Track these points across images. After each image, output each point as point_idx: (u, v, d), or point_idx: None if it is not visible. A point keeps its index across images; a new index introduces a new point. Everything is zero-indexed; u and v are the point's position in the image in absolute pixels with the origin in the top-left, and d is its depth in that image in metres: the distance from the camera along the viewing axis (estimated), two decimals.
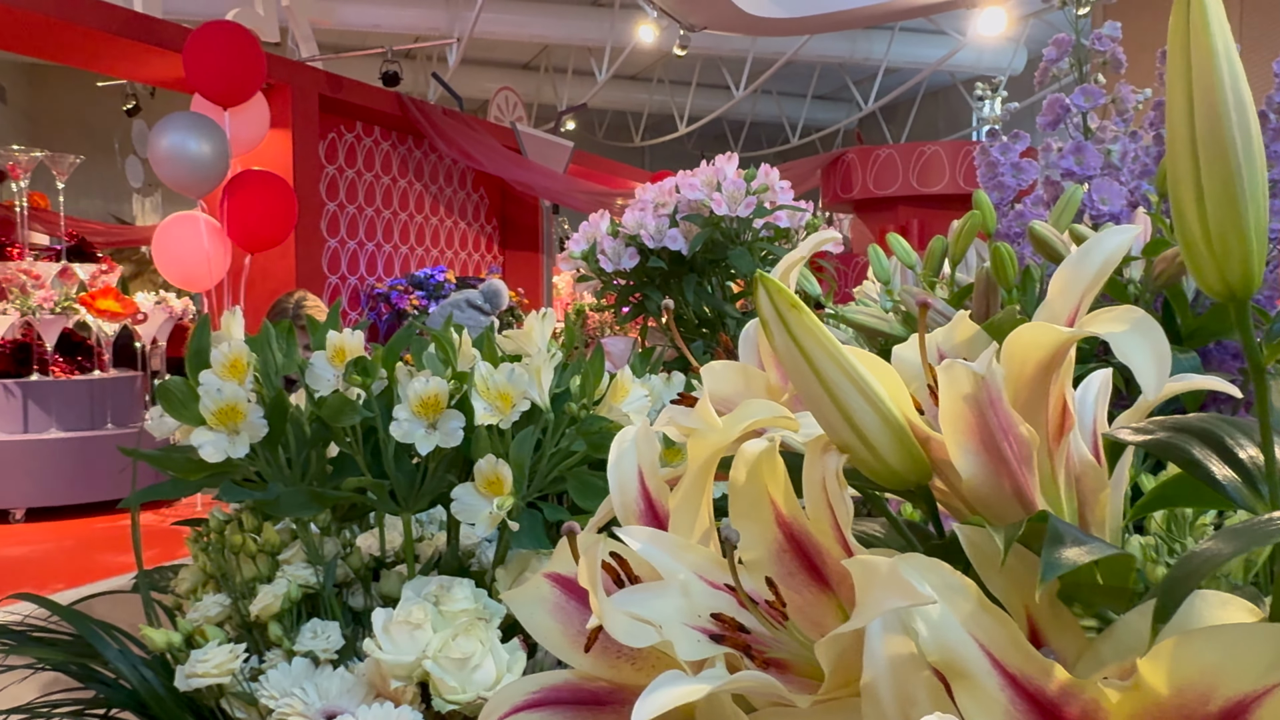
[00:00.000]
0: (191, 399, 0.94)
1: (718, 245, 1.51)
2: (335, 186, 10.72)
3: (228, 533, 1.00)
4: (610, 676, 0.39)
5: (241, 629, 1.01)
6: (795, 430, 0.39)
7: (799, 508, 0.38)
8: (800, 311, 0.37)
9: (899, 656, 0.32)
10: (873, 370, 0.38)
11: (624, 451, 0.43)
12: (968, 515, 0.39)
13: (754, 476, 0.38)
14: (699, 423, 0.40)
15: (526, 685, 0.40)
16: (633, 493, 0.42)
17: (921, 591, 0.30)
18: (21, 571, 6.05)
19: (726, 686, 0.31)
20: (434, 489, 1.02)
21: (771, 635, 0.36)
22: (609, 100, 21.17)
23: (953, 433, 0.37)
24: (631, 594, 0.35)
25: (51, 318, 7.49)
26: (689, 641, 0.34)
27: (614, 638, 0.33)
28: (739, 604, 0.36)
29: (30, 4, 7.59)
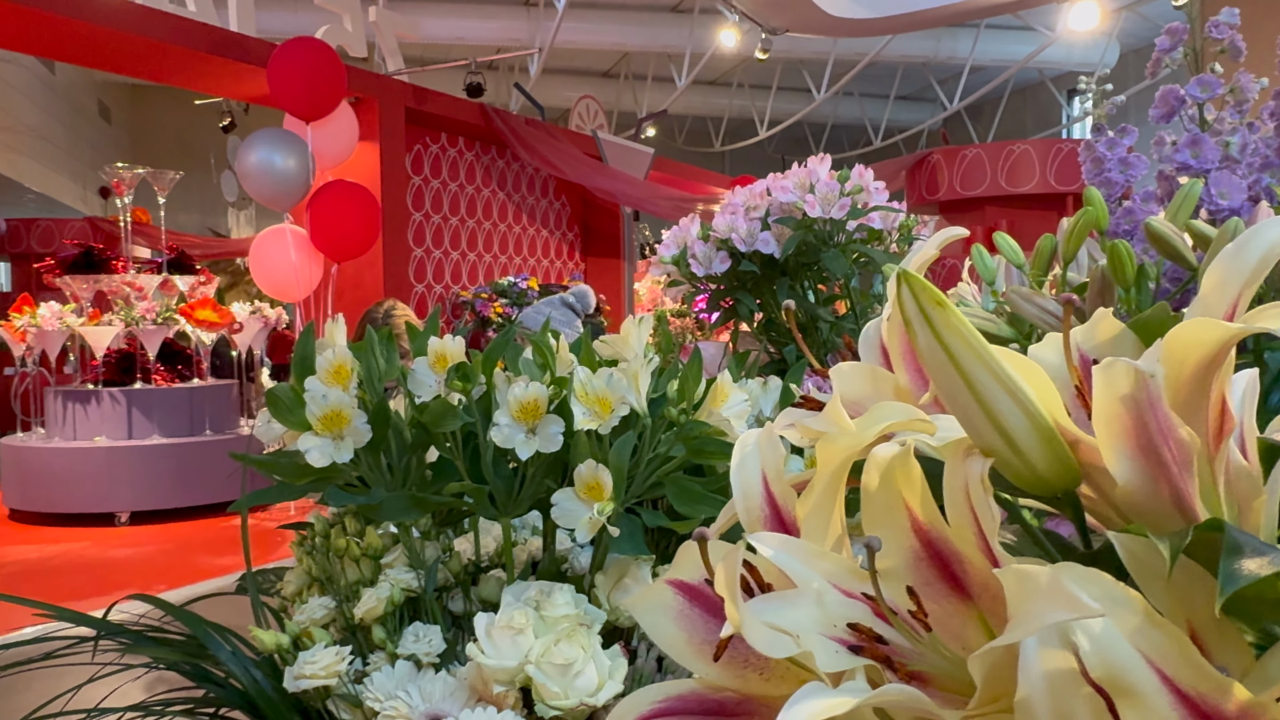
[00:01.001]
0: (298, 405, 0.96)
1: (810, 248, 1.49)
2: (421, 197, 10.91)
3: (332, 537, 1.01)
4: (737, 686, 0.38)
5: (345, 631, 1.02)
6: (932, 434, 0.37)
7: (937, 514, 0.36)
8: (945, 309, 0.35)
9: (1057, 672, 0.30)
10: (1020, 371, 0.36)
11: (746, 456, 0.42)
12: (1118, 524, 0.37)
13: (887, 482, 0.36)
14: (830, 426, 0.38)
15: (652, 694, 0.40)
16: (757, 498, 0.41)
17: (1088, 604, 0.28)
18: (126, 573, 6.28)
19: (873, 700, 0.30)
20: (532, 494, 1.02)
21: (910, 647, 0.34)
22: (689, 106, 21.18)
23: (1108, 436, 0.35)
24: (766, 603, 0.34)
25: (153, 328, 7.78)
26: (828, 652, 0.32)
27: (753, 647, 0.32)
28: (874, 614, 0.35)
29: (132, 26, 7.90)
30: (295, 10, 14.35)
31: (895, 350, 0.43)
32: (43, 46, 8.68)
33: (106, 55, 8.57)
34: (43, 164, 16.40)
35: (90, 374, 8.12)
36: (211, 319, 7.90)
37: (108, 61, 8.96)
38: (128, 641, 0.98)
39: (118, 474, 7.60)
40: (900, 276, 0.36)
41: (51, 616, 0.95)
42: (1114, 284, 0.82)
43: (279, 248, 8.10)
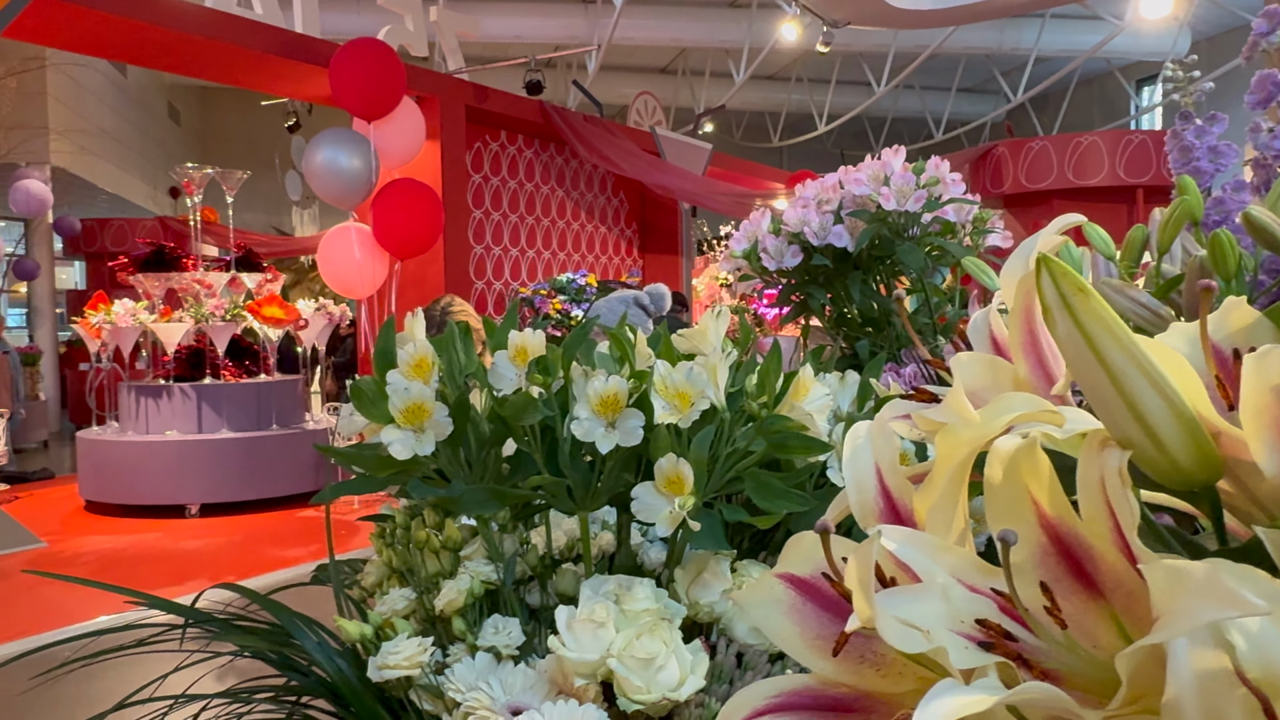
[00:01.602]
0: (381, 398, 0.96)
1: (884, 241, 1.47)
2: (481, 194, 11.01)
3: (412, 529, 1.02)
4: (853, 683, 0.37)
5: (425, 623, 1.03)
6: (1060, 425, 0.36)
7: (1068, 508, 0.35)
8: (1088, 296, 0.34)
9: (1209, 672, 0.29)
10: (1162, 360, 0.34)
11: (858, 449, 0.41)
12: (1262, 520, 0.35)
13: (1012, 475, 0.35)
14: (952, 417, 0.37)
15: (765, 689, 0.39)
16: (871, 491, 0.40)
17: (1251, 600, 0.27)
18: (197, 563, 6.43)
19: (1013, 698, 0.29)
20: (610, 488, 1.02)
21: (1040, 645, 0.33)
22: (746, 101, 21.08)
23: (1258, 428, 0.34)
24: (892, 597, 0.33)
25: (222, 325, 7.95)
26: (958, 649, 0.32)
27: (885, 642, 0.31)
28: (1000, 610, 0.34)
29: (201, 29, 8.07)
30: (358, 11, 14.55)
31: (1015, 341, 0.42)
32: (116, 50, 8.92)
33: (177, 58, 8.77)
34: (115, 165, 16.85)
35: (161, 369, 8.33)
36: (278, 315, 8.05)
37: (178, 64, 9.17)
38: (215, 630, 1.00)
39: (188, 467, 7.78)
40: (1041, 262, 0.35)
41: (142, 604, 0.97)
42: (1213, 275, 0.80)
43: (345, 246, 8.23)
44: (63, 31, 7.81)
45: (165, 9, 7.83)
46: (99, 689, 4.35)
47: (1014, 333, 0.42)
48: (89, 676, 4.57)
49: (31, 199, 10.84)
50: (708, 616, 0.98)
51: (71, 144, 14.21)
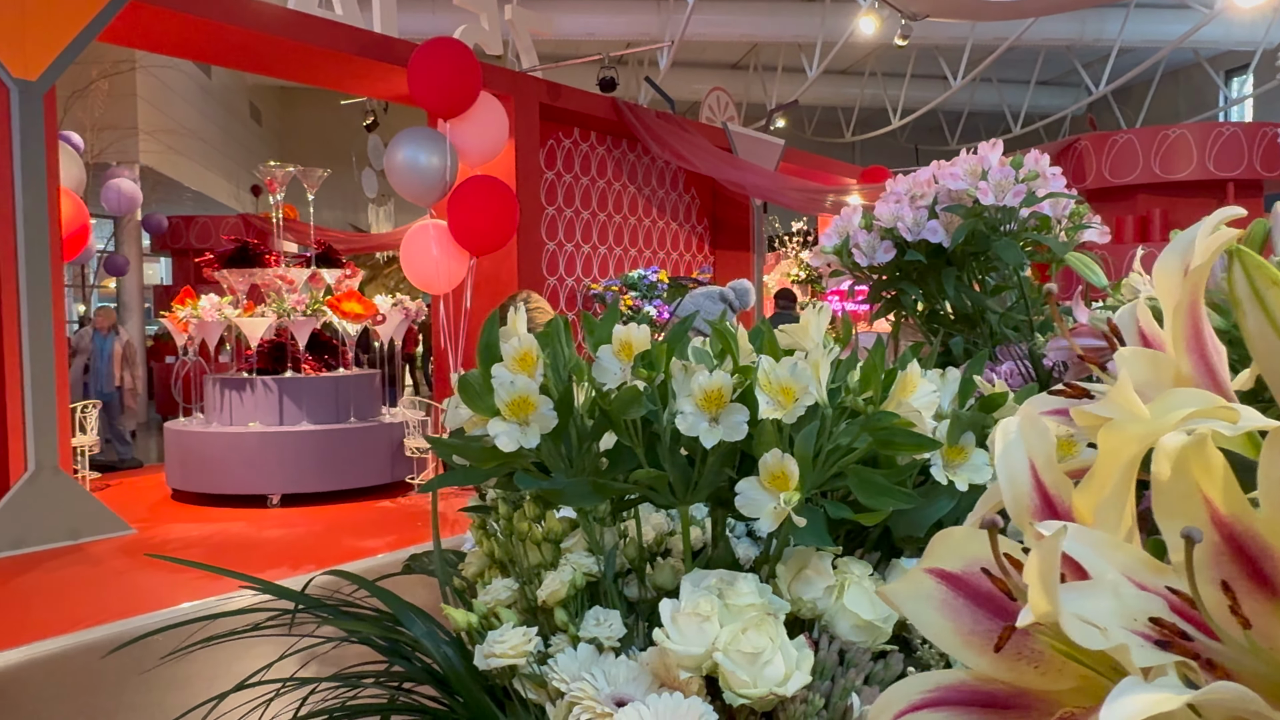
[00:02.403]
0: (487, 391, 0.98)
1: (979, 236, 1.45)
2: (554, 191, 11.09)
3: (515, 521, 1.04)
4: (1010, 679, 0.37)
5: (527, 613, 1.04)
6: (1234, 421, 0.35)
7: (1245, 506, 0.34)
8: None
9: None
10: None
11: (1010, 444, 0.40)
12: None
13: (1182, 472, 0.34)
14: (1119, 412, 0.37)
15: (921, 684, 0.39)
16: (1025, 486, 0.40)
17: None
18: (279, 552, 6.59)
19: (1204, 698, 0.29)
20: (711, 482, 1.02)
21: (1214, 645, 0.33)
22: (819, 96, 20.89)
23: None
24: (1067, 593, 0.33)
25: (303, 319, 8.13)
26: (1138, 646, 0.31)
27: (1070, 638, 0.31)
28: (1172, 609, 0.33)
29: (284, 30, 8.26)
30: (433, 11, 14.76)
31: (1178, 336, 0.41)
32: (202, 52, 9.18)
33: (260, 59, 9.00)
34: (199, 164, 17.35)
35: (244, 363, 8.55)
36: (357, 311, 8.21)
37: (261, 65, 9.40)
38: (326, 615, 1.02)
39: (270, 458, 7.97)
40: (1234, 255, 0.34)
41: (255, 588, 0.99)
42: None
43: (425, 243, 8.36)
44: (152, 34, 8.06)
45: (249, 11, 8.04)
46: (187, 671, 4.49)
47: (1176, 328, 0.41)
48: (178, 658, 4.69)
49: (122, 197, 11.21)
50: (810, 613, 0.98)
51: (159, 144, 14.67)
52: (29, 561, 6.27)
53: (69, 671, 4.55)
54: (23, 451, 6.49)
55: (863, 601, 0.96)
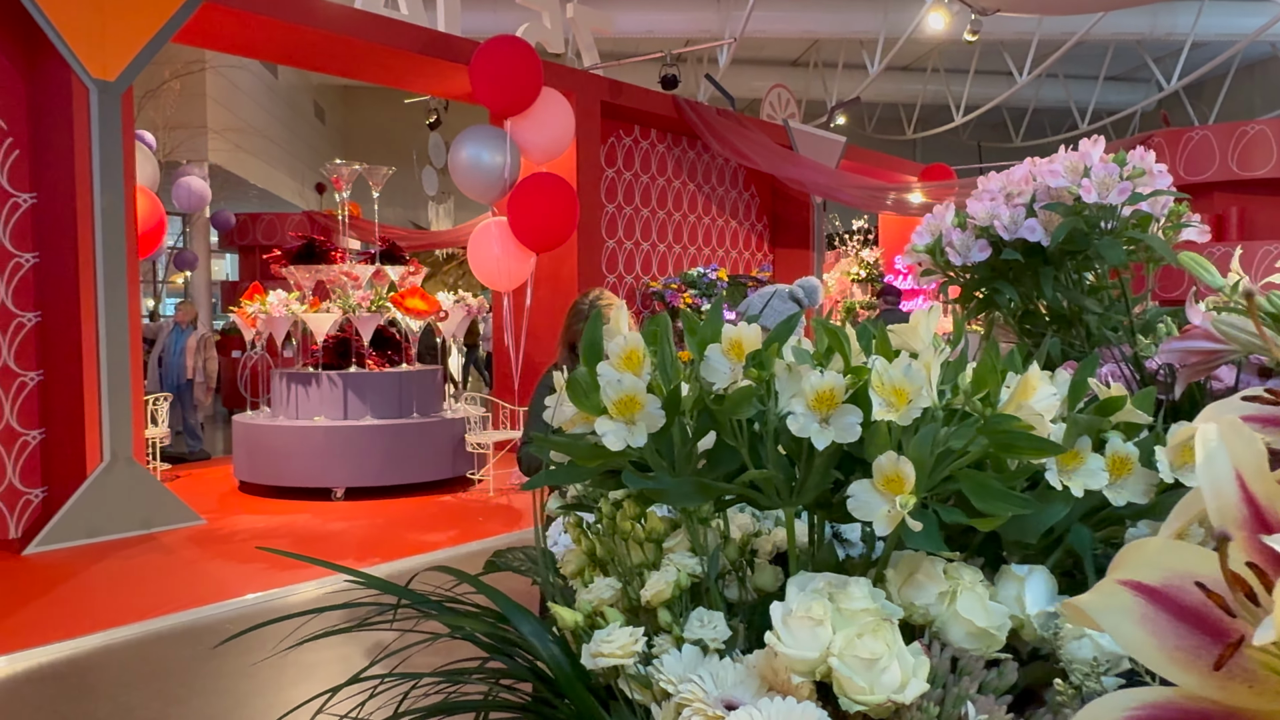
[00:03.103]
0: (593, 389, 0.98)
1: (1078, 235, 1.41)
2: (614, 189, 11.11)
3: (617, 519, 1.03)
4: (1221, 698, 0.35)
5: (628, 612, 1.04)
6: None
7: None
8: None
9: None
10: None
11: (1213, 453, 0.39)
12: None
13: None
14: None
15: (1125, 700, 0.37)
16: (1231, 496, 0.38)
17: None
18: (345, 544, 6.69)
19: None
20: (817, 485, 1.01)
21: None
22: (880, 93, 20.67)
23: None
24: None
25: (368, 315, 8.24)
26: None
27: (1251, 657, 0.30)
28: None
29: (347, 29, 8.37)
30: (494, 9, 14.86)
31: None
32: (271, 51, 9.34)
33: (327, 58, 9.13)
34: (265, 162, 17.69)
35: (310, 358, 8.69)
36: (420, 307, 8.30)
37: (327, 64, 9.54)
38: (430, 611, 1.03)
39: (334, 452, 8.09)
40: None
41: (361, 582, 1.00)
42: None
43: (486, 240, 8.44)
44: (222, 34, 8.21)
45: (317, 11, 8.16)
46: (254, 660, 4.57)
47: None
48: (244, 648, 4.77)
49: (192, 195, 11.47)
50: (921, 619, 0.96)
51: (227, 142, 14.99)
52: (104, 550, 6.43)
53: (144, 657, 4.66)
54: (99, 443, 6.66)
55: (976, 608, 0.94)
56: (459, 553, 6.51)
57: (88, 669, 4.53)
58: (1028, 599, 0.99)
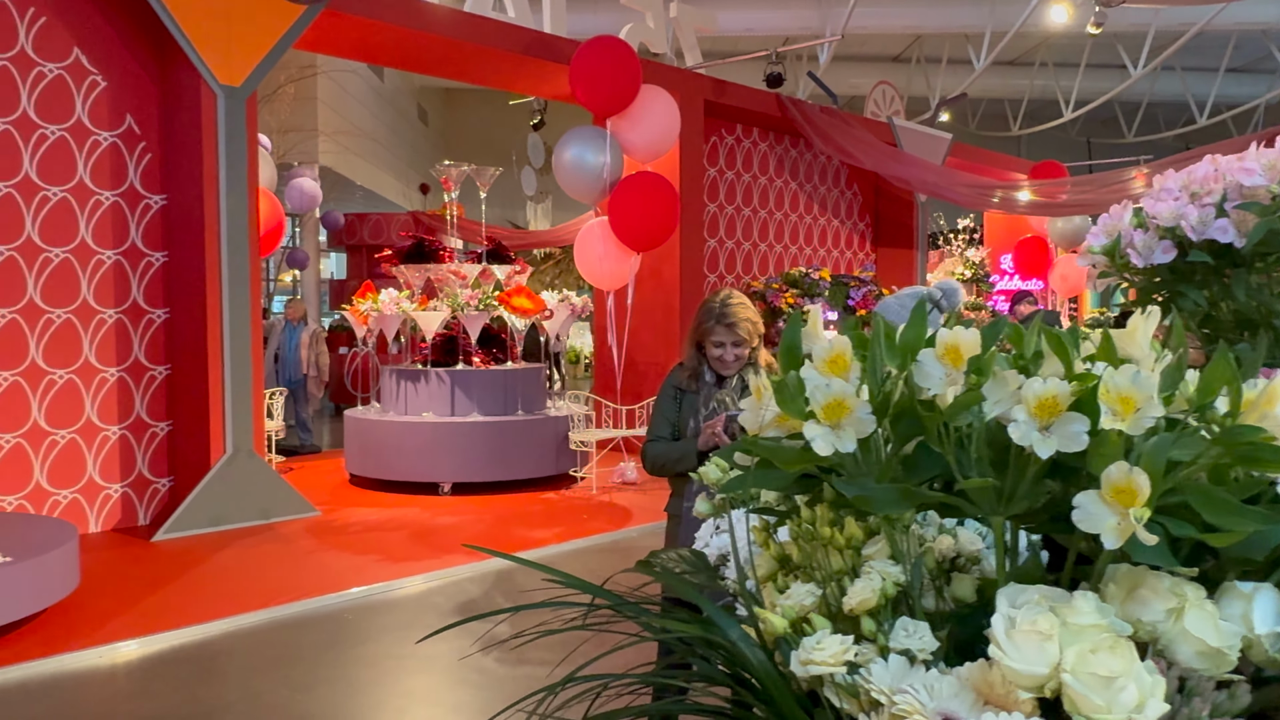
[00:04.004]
0: (799, 392, 0.97)
1: (1275, 236, 1.35)
2: (716, 188, 11.09)
3: (817, 525, 1.02)
4: None
5: (827, 619, 1.02)
6: None
7: None
8: None
9: None
10: None
11: None
12: None
13: None
14: None
15: None
16: None
17: None
18: (454, 538, 6.81)
19: None
20: (1030, 494, 0.98)
21: None
22: (985, 88, 20.19)
23: None
24: None
25: (475, 314, 8.37)
26: None
27: None
28: None
29: (453, 31, 8.52)
30: (594, 11, 14.97)
31: None
32: (382, 55, 9.56)
33: (436, 61, 9.32)
34: (371, 163, 18.14)
35: (418, 355, 8.87)
36: (526, 306, 8.40)
37: (436, 67, 9.73)
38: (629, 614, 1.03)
39: (442, 447, 8.25)
40: None
41: (560, 581, 1.01)
42: None
43: (590, 240, 8.50)
44: (336, 39, 8.45)
45: (426, 14, 8.34)
46: (374, 651, 4.69)
47: None
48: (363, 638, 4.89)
49: (304, 196, 11.82)
50: (1147, 636, 0.92)
51: (336, 144, 15.42)
52: (226, 538, 6.68)
53: (268, 643, 4.81)
54: (222, 435, 6.91)
55: (1207, 626, 0.91)
56: (564, 550, 6.58)
57: (216, 653, 4.71)
58: (1255, 618, 0.95)
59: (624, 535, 6.97)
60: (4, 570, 4.52)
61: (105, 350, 6.90)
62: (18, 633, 4.73)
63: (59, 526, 5.30)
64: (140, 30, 6.95)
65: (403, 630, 5.06)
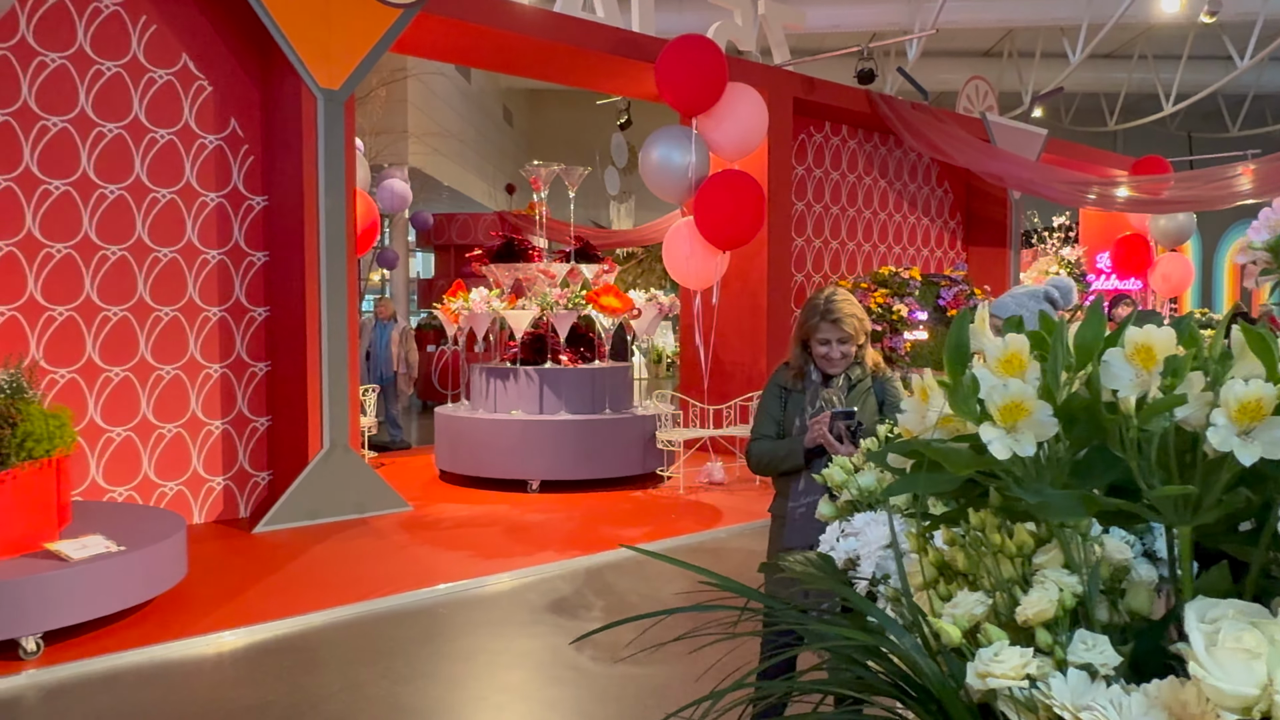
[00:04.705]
0: (973, 393, 0.93)
1: None
2: (804, 186, 10.97)
3: (987, 531, 0.98)
4: None
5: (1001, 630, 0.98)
6: None
7: None
8: None
9: None
10: None
11: None
12: None
13: None
14: None
15: None
16: None
17: None
18: (543, 536, 6.85)
19: None
20: (1218, 502, 0.93)
21: None
22: (1080, 82, 19.61)
23: None
24: None
25: (565, 313, 8.42)
26: None
27: None
28: None
29: (540, 31, 8.57)
30: (681, 10, 14.94)
31: None
32: (468, 56, 9.67)
33: (522, 61, 9.38)
34: (458, 164, 18.40)
35: (507, 353, 8.96)
36: (614, 305, 8.42)
37: (523, 67, 9.80)
38: (795, 624, 1.00)
39: (530, 445, 8.32)
40: None
41: (715, 584, 0.98)
42: None
43: (678, 239, 8.48)
44: (427, 41, 8.56)
45: (516, 15, 8.40)
46: (471, 647, 4.74)
47: None
48: (461, 634, 4.91)
49: (394, 196, 12.02)
50: None
51: (425, 146, 15.67)
52: (323, 531, 6.82)
53: (368, 636, 4.90)
54: (320, 430, 7.07)
55: None
56: (654, 549, 6.57)
57: (318, 644, 4.80)
58: None
59: (713, 536, 6.93)
60: (119, 559, 4.68)
61: (209, 347, 7.12)
62: (131, 619, 4.90)
63: (168, 518, 5.47)
64: (244, 36, 7.15)
65: (497, 626, 5.10)
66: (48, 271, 6.43)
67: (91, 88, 6.55)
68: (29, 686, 4.20)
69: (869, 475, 1.80)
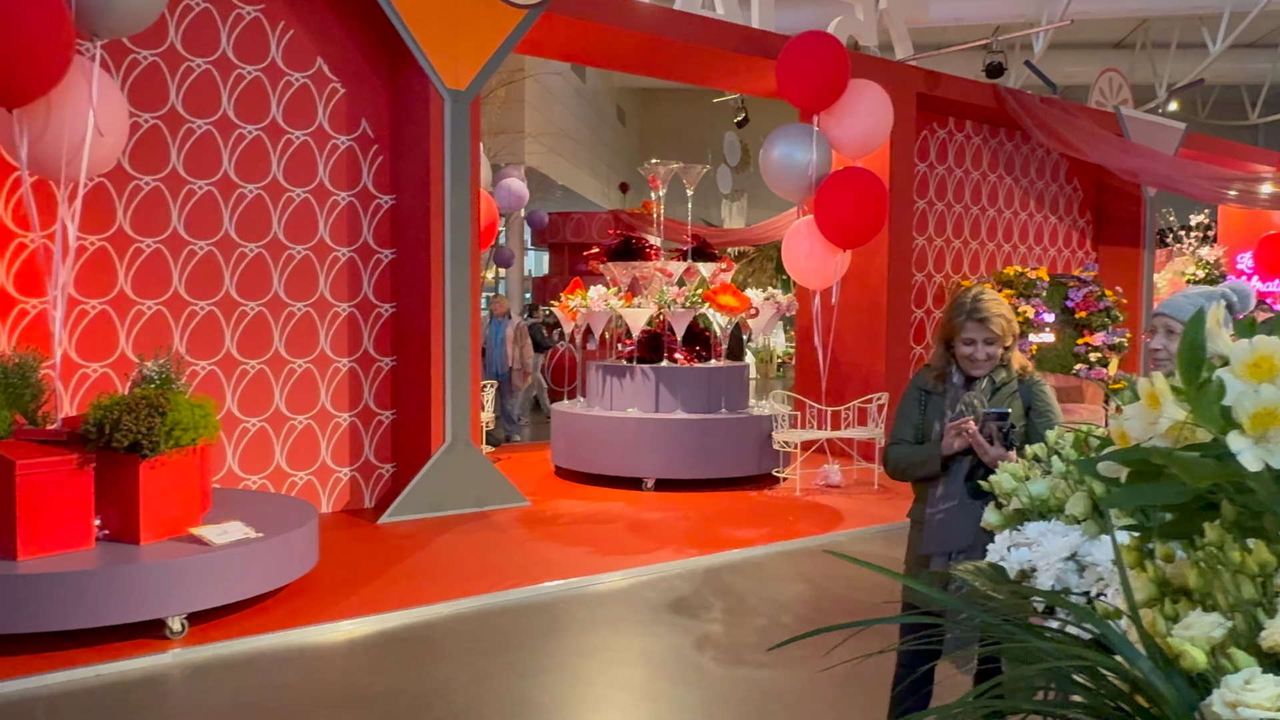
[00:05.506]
0: (1217, 399, 0.86)
1: None
2: (925, 183, 10.70)
3: (1225, 548, 0.91)
4: None
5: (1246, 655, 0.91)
6: None
7: None
8: None
9: None
10: None
11: None
12: None
13: None
14: None
15: None
16: None
17: None
18: (659, 534, 6.84)
19: None
20: None
21: None
22: (1218, 73, 18.65)
23: None
24: None
25: (682, 311, 8.40)
26: None
27: None
28: None
29: (660, 29, 8.54)
30: (799, 5, 14.74)
31: None
32: (588, 55, 9.70)
33: (641, 59, 9.37)
34: (572, 163, 18.57)
35: (623, 351, 8.99)
36: (732, 304, 8.36)
37: (642, 65, 9.79)
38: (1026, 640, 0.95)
39: (645, 443, 8.32)
40: None
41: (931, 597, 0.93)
42: None
43: (798, 238, 8.37)
44: (548, 41, 8.62)
45: (635, 13, 8.41)
46: (593, 643, 4.75)
47: None
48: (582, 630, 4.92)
49: (512, 196, 12.19)
50: None
51: (541, 145, 15.86)
52: (444, 524, 6.95)
53: (490, 628, 4.96)
54: (442, 425, 7.21)
55: None
56: (773, 551, 6.50)
57: (443, 634, 4.89)
58: None
59: (833, 539, 6.82)
60: (257, 545, 4.85)
61: (339, 342, 7.33)
62: (266, 604, 5.08)
63: (301, 506, 5.65)
64: (374, 38, 7.34)
65: (617, 623, 5.11)
66: (191, 268, 6.71)
67: (233, 91, 6.82)
68: (175, 665, 4.38)
69: (1040, 483, 1.72)
